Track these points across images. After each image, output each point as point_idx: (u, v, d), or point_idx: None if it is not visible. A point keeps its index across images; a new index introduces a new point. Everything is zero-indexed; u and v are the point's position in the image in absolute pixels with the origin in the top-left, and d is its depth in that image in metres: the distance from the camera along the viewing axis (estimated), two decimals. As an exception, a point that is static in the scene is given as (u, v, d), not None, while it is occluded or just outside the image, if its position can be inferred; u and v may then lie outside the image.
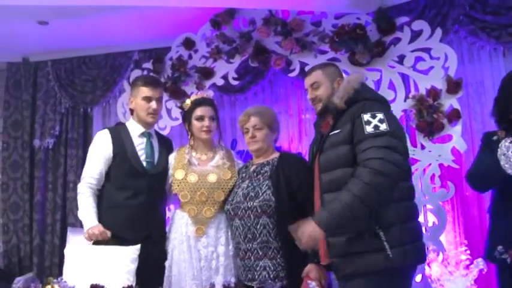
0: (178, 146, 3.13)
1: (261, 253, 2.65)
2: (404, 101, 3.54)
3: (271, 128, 2.82)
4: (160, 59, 4.22)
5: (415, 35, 3.51)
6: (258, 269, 2.66)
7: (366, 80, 3.55)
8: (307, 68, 3.73)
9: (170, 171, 2.93)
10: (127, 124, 3.04)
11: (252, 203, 2.69)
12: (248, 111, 2.85)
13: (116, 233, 2.75)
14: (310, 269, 2.50)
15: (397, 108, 3.54)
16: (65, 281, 1.83)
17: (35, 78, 5.02)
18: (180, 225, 2.86)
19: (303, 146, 4.31)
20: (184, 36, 4.14)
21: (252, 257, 2.67)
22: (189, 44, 4.12)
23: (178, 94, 4.08)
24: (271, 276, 2.59)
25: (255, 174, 2.80)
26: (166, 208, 3.14)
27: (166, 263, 2.83)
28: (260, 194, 2.68)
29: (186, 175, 2.85)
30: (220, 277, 2.71)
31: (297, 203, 2.62)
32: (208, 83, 4.04)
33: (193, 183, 2.83)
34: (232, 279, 1.90)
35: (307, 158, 3.23)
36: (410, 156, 3.48)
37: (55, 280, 1.85)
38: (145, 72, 4.24)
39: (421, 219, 3.40)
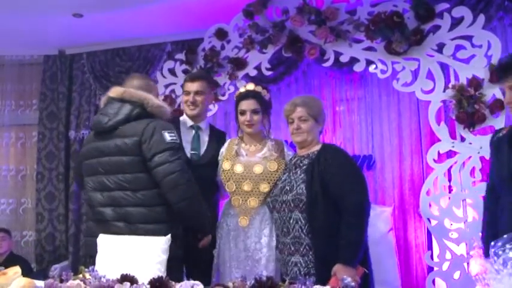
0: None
1: (293, 248, 2.61)
2: (444, 91, 3.41)
3: (317, 120, 2.74)
4: (193, 50, 4.19)
5: (456, 22, 3.36)
6: (290, 264, 2.63)
7: (403, 70, 3.51)
8: (342, 58, 3.69)
9: (220, 163, 3.01)
10: (181, 118, 3.24)
11: (286, 197, 2.66)
12: (294, 101, 2.77)
13: None
14: (336, 269, 2.42)
15: (436, 99, 3.43)
16: (96, 270, 1.83)
17: (71, 70, 5.11)
18: (228, 216, 2.92)
19: (337, 137, 4.24)
20: (217, 26, 4.10)
21: (286, 252, 2.65)
22: (221, 34, 4.08)
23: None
24: (302, 272, 2.55)
25: (294, 167, 2.75)
26: (219, 198, 3.22)
27: (215, 251, 2.92)
28: (294, 188, 2.63)
29: (232, 165, 2.89)
30: (262, 268, 2.74)
31: (329, 198, 2.54)
32: (241, 74, 3.99)
33: (239, 174, 2.86)
34: (264, 272, 1.90)
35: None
36: (450, 148, 3.38)
37: (87, 269, 1.85)
38: (177, 64, 4.23)
39: (459, 213, 3.32)
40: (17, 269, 2.19)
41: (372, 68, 3.72)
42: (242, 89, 3.02)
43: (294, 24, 3.77)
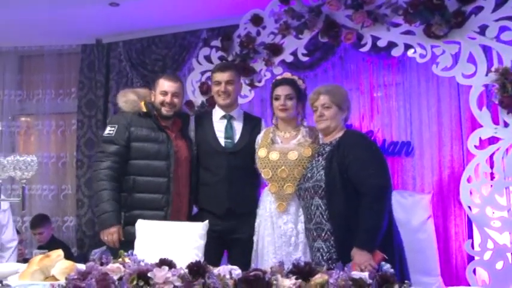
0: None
1: (315, 234, 2.66)
2: (486, 75, 3.29)
3: (341, 107, 2.78)
4: (229, 36, 4.18)
5: (500, 2, 3.23)
6: (313, 250, 2.69)
7: (443, 53, 3.41)
8: (379, 43, 3.61)
9: (256, 150, 3.05)
10: (213, 109, 3.32)
11: (307, 184, 2.72)
12: (318, 90, 2.84)
13: (203, 207, 3.16)
14: (353, 253, 2.46)
15: (478, 83, 3.32)
16: (135, 255, 1.86)
17: (108, 59, 5.17)
18: (266, 202, 2.97)
19: (374, 124, 4.17)
20: (252, 12, 4.06)
21: (310, 238, 2.71)
22: (257, 20, 4.04)
23: (247, 71, 4.03)
24: (325, 258, 2.60)
25: (317, 154, 2.80)
26: (259, 184, 3.26)
27: (254, 237, 2.99)
28: (314, 175, 2.69)
29: (268, 153, 2.93)
30: (299, 253, 2.78)
31: (348, 183, 2.57)
32: (277, 60, 3.95)
33: (275, 161, 2.90)
34: (302, 258, 1.92)
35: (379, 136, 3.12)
36: (492, 134, 3.27)
37: (126, 253, 1.88)
38: (213, 50, 4.23)
39: (503, 202, 3.22)
40: (59, 252, 2.25)
41: (410, 53, 3.62)
42: (278, 77, 3.11)
43: (330, 8, 3.70)
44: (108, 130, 3.10)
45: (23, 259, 3.83)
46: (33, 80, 5.43)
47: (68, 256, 3.39)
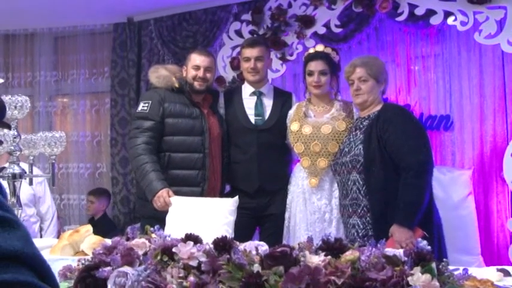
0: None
1: (351, 210, 2.61)
2: (534, 42, 3.10)
3: (378, 80, 2.68)
4: (259, 9, 4.09)
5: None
6: (348, 226, 2.63)
7: (487, 20, 3.22)
8: (417, 11, 3.44)
9: (288, 125, 3.01)
10: (242, 86, 3.27)
11: (345, 159, 2.65)
12: (354, 62, 2.74)
13: (235, 185, 3.17)
14: (392, 230, 2.39)
15: (525, 51, 3.13)
16: (161, 230, 1.83)
17: (139, 37, 5.14)
18: (298, 178, 2.92)
19: (411, 97, 4.00)
20: (283, -17, 3.95)
21: (345, 214, 2.65)
22: (288, -9, 3.93)
23: (278, 45, 3.94)
24: (360, 234, 2.54)
25: (354, 128, 2.72)
26: (290, 160, 3.21)
27: (286, 214, 2.96)
28: (352, 149, 2.61)
29: (300, 127, 2.88)
30: (333, 229, 2.74)
31: (387, 158, 2.49)
32: (309, 32, 3.84)
33: (308, 135, 2.84)
34: (334, 233, 1.86)
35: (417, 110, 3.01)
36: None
37: (152, 229, 1.85)
38: (244, 25, 4.15)
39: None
40: (88, 227, 2.26)
41: (450, 20, 3.45)
42: (311, 50, 2.99)
43: (364, -24, 3.55)
44: (142, 106, 3.07)
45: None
46: (67, 60, 5.46)
47: (112, 235, 3.43)
